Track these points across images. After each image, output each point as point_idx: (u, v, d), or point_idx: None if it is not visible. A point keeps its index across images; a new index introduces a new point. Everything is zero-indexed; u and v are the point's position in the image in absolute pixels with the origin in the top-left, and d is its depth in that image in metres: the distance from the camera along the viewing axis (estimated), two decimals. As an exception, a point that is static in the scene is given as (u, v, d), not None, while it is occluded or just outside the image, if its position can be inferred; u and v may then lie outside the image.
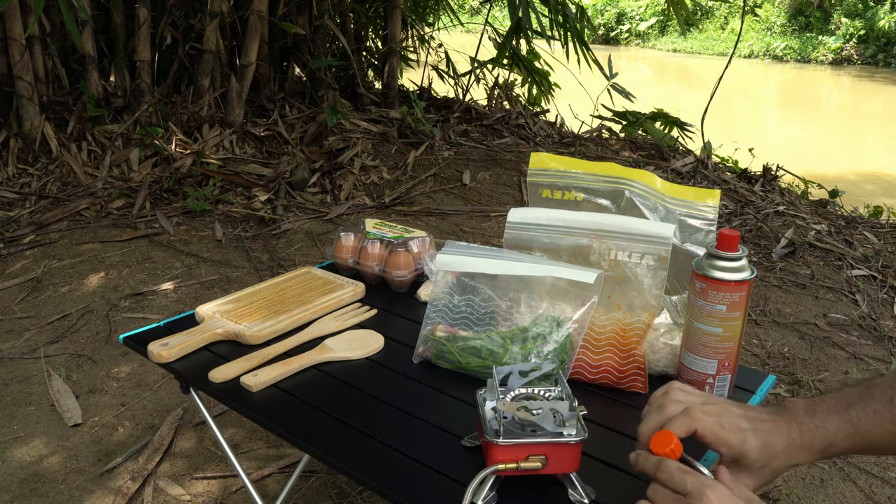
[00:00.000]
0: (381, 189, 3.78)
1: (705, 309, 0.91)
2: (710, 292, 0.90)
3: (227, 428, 1.97)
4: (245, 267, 2.93)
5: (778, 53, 16.20)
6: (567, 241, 1.07)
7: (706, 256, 0.93)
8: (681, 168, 4.31)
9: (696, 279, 0.92)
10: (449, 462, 0.89)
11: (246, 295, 1.31)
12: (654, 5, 18.73)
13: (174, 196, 3.54)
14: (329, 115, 4.04)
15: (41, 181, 3.57)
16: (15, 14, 3.53)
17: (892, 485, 1.83)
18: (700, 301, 0.92)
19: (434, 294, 1.12)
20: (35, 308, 2.60)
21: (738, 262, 0.91)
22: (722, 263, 0.91)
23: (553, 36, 4.75)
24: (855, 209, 4.05)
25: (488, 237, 3.31)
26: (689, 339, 0.96)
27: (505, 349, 1.04)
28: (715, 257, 0.92)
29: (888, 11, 14.90)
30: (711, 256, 0.92)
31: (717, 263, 0.91)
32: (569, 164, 1.18)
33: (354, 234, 1.46)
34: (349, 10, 4.95)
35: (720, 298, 0.89)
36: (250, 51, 4.10)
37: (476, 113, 4.95)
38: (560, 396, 0.85)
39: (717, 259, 0.91)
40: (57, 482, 1.77)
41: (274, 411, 1.00)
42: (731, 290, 0.89)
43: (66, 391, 2.11)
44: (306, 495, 1.72)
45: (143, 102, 3.97)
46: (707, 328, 0.92)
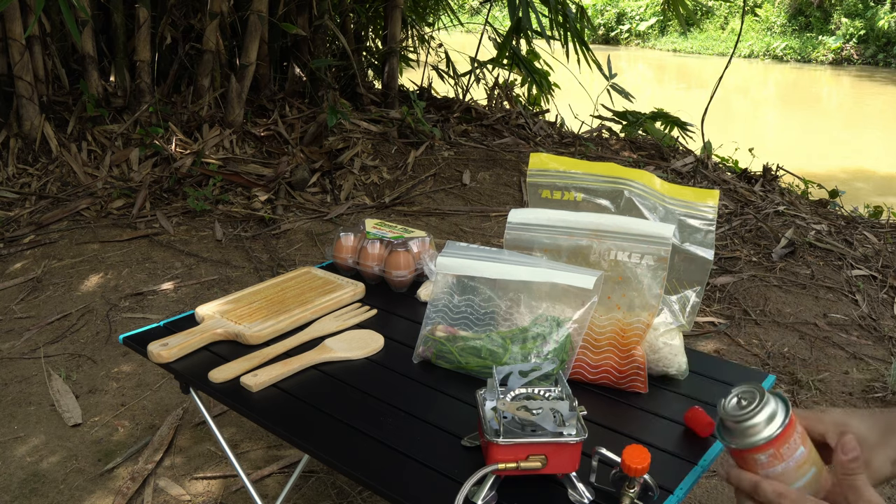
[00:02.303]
0: (381, 189, 3.78)
1: (790, 468, 0.73)
2: (783, 449, 0.72)
3: (227, 428, 1.97)
4: (245, 267, 2.93)
5: (778, 53, 16.20)
6: (567, 241, 1.07)
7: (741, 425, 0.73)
8: (681, 168, 4.31)
9: (756, 454, 0.73)
10: (449, 462, 0.89)
11: (246, 295, 1.31)
12: (654, 5, 18.72)
13: (174, 196, 3.54)
14: (329, 115, 4.04)
15: (41, 181, 3.57)
16: (15, 14, 3.53)
17: (893, 485, 1.83)
18: (780, 466, 0.73)
19: (434, 294, 1.12)
20: (35, 308, 2.60)
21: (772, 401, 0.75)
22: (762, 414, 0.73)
23: (553, 36, 4.75)
24: (855, 209, 4.05)
25: (488, 237, 3.31)
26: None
27: (505, 349, 1.04)
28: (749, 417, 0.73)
29: (888, 11, 14.89)
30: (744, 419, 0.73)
31: (758, 419, 0.73)
32: (568, 164, 1.18)
33: (354, 234, 1.46)
34: (349, 10, 4.95)
35: (795, 444, 0.72)
36: (250, 51, 4.10)
37: (476, 113, 4.95)
38: (560, 396, 0.85)
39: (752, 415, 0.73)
40: (57, 482, 1.77)
41: (274, 411, 1.00)
42: (794, 427, 0.73)
43: (66, 391, 2.11)
44: (306, 495, 1.72)
45: (143, 102, 3.97)
46: (806, 478, 0.73)
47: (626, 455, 0.78)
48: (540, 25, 4.52)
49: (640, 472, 0.77)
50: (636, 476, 0.78)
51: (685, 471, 0.89)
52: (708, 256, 1.10)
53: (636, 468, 0.77)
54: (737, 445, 0.73)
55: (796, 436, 0.72)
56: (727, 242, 3.30)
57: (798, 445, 0.72)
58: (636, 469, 0.77)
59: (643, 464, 0.77)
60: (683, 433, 0.98)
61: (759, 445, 0.72)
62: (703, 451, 0.93)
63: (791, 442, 0.72)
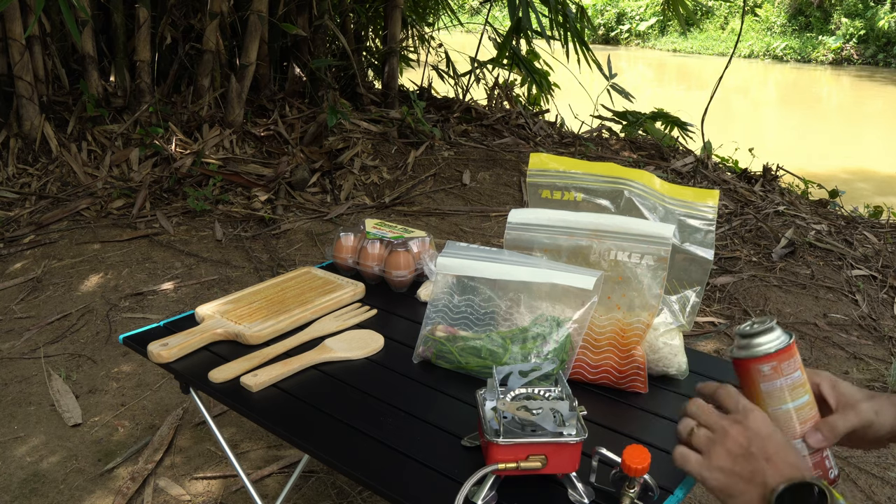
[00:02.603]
0: (381, 189, 3.78)
1: (787, 385, 0.82)
2: (783, 365, 0.81)
3: (227, 428, 1.97)
4: (245, 267, 2.93)
5: (778, 53, 16.21)
6: (567, 241, 1.07)
7: (749, 340, 0.83)
8: (681, 168, 4.31)
9: (761, 363, 0.82)
10: (449, 462, 0.89)
11: (246, 295, 1.31)
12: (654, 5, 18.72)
13: (174, 196, 3.54)
14: (329, 115, 4.04)
15: (41, 181, 3.57)
16: (15, 14, 3.53)
17: (892, 485, 1.83)
18: (778, 381, 0.82)
19: (434, 294, 1.12)
20: (35, 308, 2.60)
21: (779, 327, 0.85)
22: (773, 333, 0.83)
23: (553, 36, 4.75)
24: (855, 209, 4.05)
25: (488, 237, 3.31)
26: (785, 428, 0.83)
27: (505, 349, 1.04)
28: (758, 334, 0.83)
29: (888, 11, 14.90)
30: (754, 335, 0.83)
31: (766, 337, 0.83)
32: (568, 164, 1.18)
33: (354, 234, 1.46)
34: (349, 10, 4.95)
35: (794, 365, 0.82)
36: (250, 51, 4.10)
37: (476, 113, 4.95)
38: (560, 396, 0.85)
39: (765, 334, 0.83)
40: (57, 482, 1.77)
41: (274, 411, 1.00)
42: (795, 351, 0.82)
43: (66, 391, 2.12)
44: (306, 495, 1.72)
45: (143, 102, 3.97)
46: (799, 402, 0.82)
47: (627, 455, 0.78)
48: (540, 25, 4.52)
49: (641, 472, 0.77)
50: (636, 476, 0.78)
51: (685, 471, 0.89)
52: (708, 256, 1.10)
53: (636, 468, 0.77)
54: (745, 355, 0.83)
55: (797, 360, 0.82)
56: (727, 242, 3.30)
57: (797, 368, 0.82)
58: (636, 469, 0.77)
59: (643, 464, 0.77)
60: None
61: (764, 355, 0.81)
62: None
63: (791, 362, 0.82)
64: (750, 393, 0.83)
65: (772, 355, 0.81)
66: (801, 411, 0.82)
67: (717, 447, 0.77)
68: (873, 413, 0.82)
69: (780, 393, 0.82)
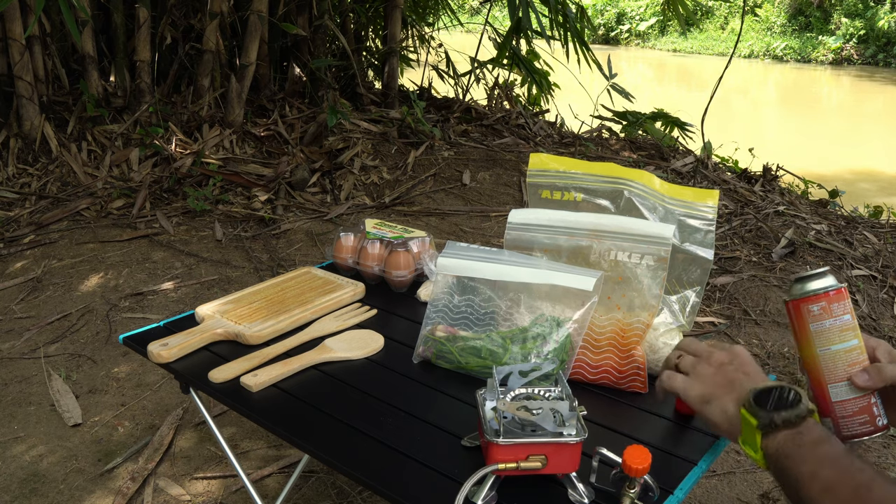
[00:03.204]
0: (381, 189, 3.78)
1: (836, 326, 0.84)
2: (833, 305, 0.84)
3: (227, 428, 1.97)
4: (245, 267, 2.93)
5: (778, 53, 16.21)
6: (567, 241, 1.07)
7: (801, 283, 0.86)
8: (681, 168, 4.32)
9: (810, 303, 0.85)
10: (449, 462, 0.89)
11: (246, 295, 1.31)
12: (654, 5, 18.72)
13: (174, 196, 3.54)
14: (329, 115, 4.04)
15: (41, 181, 3.57)
16: (15, 14, 3.53)
17: (892, 485, 1.83)
18: (827, 322, 0.84)
19: (434, 294, 1.12)
20: (35, 308, 2.60)
21: (831, 275, 0.87)
22: (825, 278, 0.86)
23: (553, 36, 4.75)
24: (855, 209, 4.05)
25: (488, 237, 3.31)
26: (833, 369, 0.85)
27: (505, 349, 1.04)
28: (812, 278, 0.86)
29: (888, 11, 14.90)
30: (807, 278, 0.86)
31: (818, 280, 0.85)
32: (568, 164, 1.18)
33: (354, 234, 1.46)
34: (349, 10, 4.95)
35: (843, 308, 0.84)
36: (250, 51, 4.11)
37: (476, 113, 4.95)
38: (560, 396, 0.85)
39: (816, 278, 0.86)
40: (57, 482, 1.77)
41: (274, 411, 1.00)
42: (845, 296, 0.85)
43: (66, 391, 2.12)
44: (306, 495, 1.72)
45: (143, 102, 3.97)
46: (847, 345, 0.84)
47: (627, 455, 0.78)
48: (540, 25, 4.52)
49: (641, 472, 0.78)
50: (637, 476, 0.78)
51: (685, 471, 0.89)
52: (708, 256, 1.10)
53: (637, 468, 0.77)
54: (797, 294, 0.85)
55: (846, 304, 0.84)
56: (727, 242, 3.30)
57: (846, 312, 0.83)
58: (637, 469, 0.77)
59: (644, 464, 0.77)
60: (683, 433, 0.98)
61: (813, 294, 0.84)
62: (704, 452, 0.93)
63: (841, 304, 0.83)
64: (800, 335, 0.86)
65: (821, 295, 0.83)
66: (849, 353, 0.83)
67: (702, 364, 0.85)
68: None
69: (828, 333, 0.83)
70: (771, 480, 1.83)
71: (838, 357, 0.83)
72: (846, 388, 0.83)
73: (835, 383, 0.83)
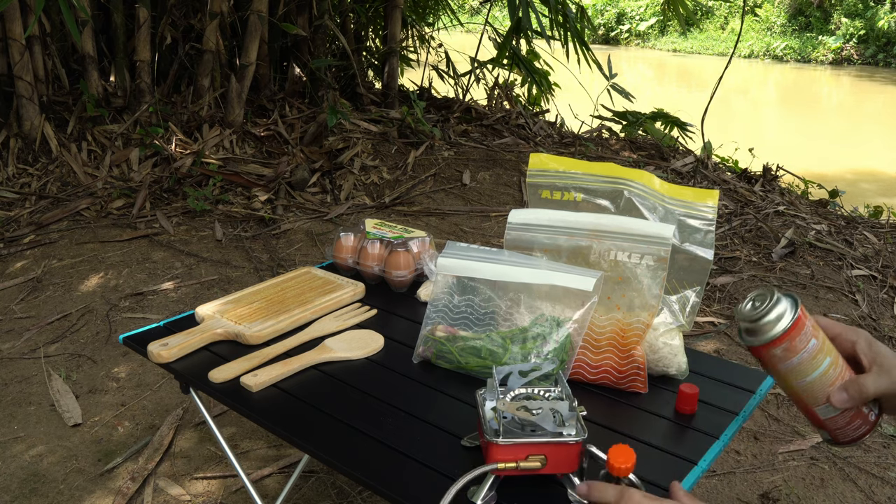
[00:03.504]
0: (381, 189, 3.78)
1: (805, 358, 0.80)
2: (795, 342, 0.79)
3: (227, 428, 1.97)
4: (245, 267, 2.93)
5: (778, 53, 16.20)
6: (567, 241, 1.07)
7: (756, 328, 0.81)
8: (681, 168, 4.31)
9: (772, 347, 0.80)
10: (449, 462, 0.89)
11: (246, 295, 1.31)
12: (654, 5, 18.72)
13: (174, 196, 3.55)
14: (329, 115, 4.04)
15: (41, 181, 3.57)
16: (15, 14, 3.53)
17: (892, 485, 1.83)
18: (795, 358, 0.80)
19: (434, 294, 1.12)
20: (35, 308, 2.60)
21: (782, 300, 0.82)
22: (776, 311, 0.80)
23: (553, 36, 4.75)
24: (855, 209, 4.05)
25: (488, 237, 3.31)
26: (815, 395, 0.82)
27: (505, 349, 1.04)
28: (761, 317, 0.80)
29: (888, 11, 14.90)
30: (757, 319, 0.80)
31: (769, 318, 0.80)
32: (568, 164, 1.18)
33: (354, 234, 1.46)
34: (349, 10, 4.95)
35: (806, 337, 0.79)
36: (250, 51, 4.11)
37: (476, 113, 4.95)
38: (560, 396, 0.86)
39: (765, 316, 0.80)
40: (57, 482, 1.77)
41: (274, 411, 1.00)
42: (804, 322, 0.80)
43: (66, 391, 2.12)
44: (306, 495, 1.72)
45: (143, 102, 3.97)
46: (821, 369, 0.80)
47: (612, 455, 0.77)
48: (540, 25, 4.52)
49: (625, 472, 0.76)
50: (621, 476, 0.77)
51: (685, 471, 0.89)
52: (708, 256, 1.10)
53: (620, 468, 0.76)
54: (754, 343, 0.81)
55: (808, 328, 0.79)
56: (727, 242, 3.30)
57: (810, 338, 0.79)
58: (620, 469, 0.76)
59: (627, 463, 0.76)
60: (683, 433, 0.98)
61: (773, 340, 0.79)
62: (703, 451, 0.93)
63: (803, 334, 0.79)
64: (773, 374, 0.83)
65: (781, 337, 0.79)
66: (825, 376, 0.80)
67: None
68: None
69: (799, 367, 0.80)
70: (771, 480, 1.83)
71: (816, 384, 0.80)
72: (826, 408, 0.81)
73: (820, 405, 0.81)
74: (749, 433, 2.00)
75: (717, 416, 1.01)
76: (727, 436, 0.97)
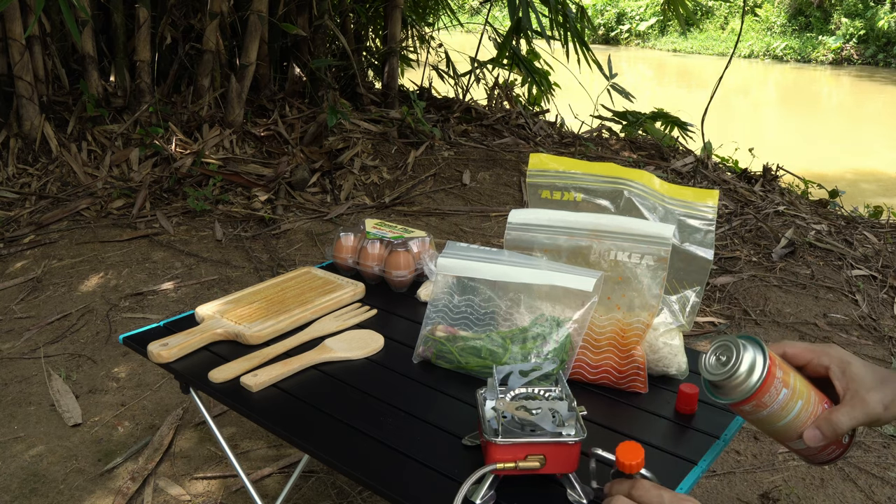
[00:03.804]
0: (381, 189, 3.78)
1: (776, 408, 0.79)
2: (765, 398, 0.78)
3: (227, 428, 1.97)
4: (245, 267, 2.93)
5: (778, 53, 16.20)
6: (567, 241, 1.07)
7: (716, 387, 0.80)
8: (681, 168, 4.31)
9: (742, 405, 0.79)
10: (449, 462, 0.89)
11: (246, 295, 1.31)
12: (654, 5, 18.72)
13: (174, 196, 3.55)
14: (329, 115, 4.04)
15: (41, 181, 3.57)
16: (15, 14, 3.53)
17: (892, 485, 1.83)
18: (765, 411, 0.79)
19: (434, 294, 1.12)
20: (35, 308, 2.60)
21: (748, 353, 0.79)
22: (738, 374, 0.78)
23: (553, 36, 4.75)
24: (855, 209, 4.05)
25: (488, 237, 3.31)
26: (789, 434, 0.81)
27: (505, 349, 1.04)
28: (727, 379, 0.79)
29: (888, 11, 14.90)
30: (722, 381, 0.79)
31: (734, 380, 0.78)
32: (568, 164, 1.18)
33: (354, 234, 1.46)
34: (349, 10, 4.95)
35: (776, 389, 0.77)
36: (250, 51, 4.11)
37: (476, 113, 4.95)
38: (559, 396, 0.86)
39: (730, 377, 0.78)
40: (57, 482, 1.77)
41: (274, 411, 1.00)
42: (773, 375, 0.78)
43: (66, 391, 2.12)
44: (306, 495, 1.72)
45: (143, 102, 3.97)
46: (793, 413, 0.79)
47: (620, 453, 0.76)
48: (540, 25, 4.52)
49: (636, 468, 0.76)
50: (632, 473, 0.77)
51: (685, 471, 0.89)
52: (708, 256, 1.10)
53: (630, 465, 0.76)
54: (721, 401, 0.79)
55: (777, 381, 0.77)
56: (727, 242, 3.30)
57: (780, 389, 0.77)
58: (630, 465, 0.76)
59: (636, 459, 0.76)
60: (683, 433, 0.98)
61: (741, 400, 0.77)
62: (703, 451, 0.93)
63: (772, 389, 0.77)
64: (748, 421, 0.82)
65: (749, 398, 0.77)
66: (797, 419, 0.78)
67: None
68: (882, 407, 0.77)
69: (771, 416, 0.78)
70: (771, 480, 1.83)
71: (789, 426, 0.79)
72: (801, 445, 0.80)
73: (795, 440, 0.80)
74: (749, 433, 2.01)
75: (717, 416, 1.01)
76: (727, 436, 0.97)
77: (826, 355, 0.80)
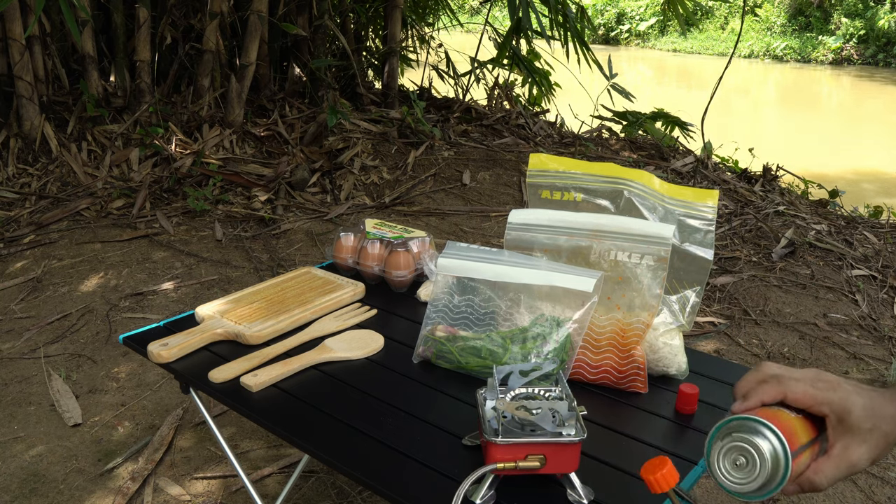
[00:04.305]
0: (381, 189, 3.78)
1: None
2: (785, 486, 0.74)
3: (227, 428, 1.97)
4: (245, 267, 2.93)
5: (778, 53, 16.20)
6: (567, 241, 1.07)
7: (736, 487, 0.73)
8: (681, 168, 4.31)
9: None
10: (449, 462, 0.89)
11: (246, 295, 1.31)
12: (654, 5, 18.72)
13: (174, 196, 3.55)
14: (329, 115, 4.04)
15: (41, 181, 3.57)
16: (15, 14, 3.53)
17: (892, 485, 1.83)
18: None
19: (434, 294, 1.12)
20: (35, 308, 2.60)
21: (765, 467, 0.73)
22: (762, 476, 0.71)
23: (553, 36, 4.74)
24: (855, 209, 4.05)
25: (488, 237, 3.31)
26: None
27: (505, 349, 1.04)
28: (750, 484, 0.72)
29: (888, 11, 14.90)
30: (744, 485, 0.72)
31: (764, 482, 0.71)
32: (568, 164, 1.18)
33: (354, 234, 1.46)
34: (349, 10, 4.95)
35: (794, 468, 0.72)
36: (250, 51, 4.10)
37: (476, 113, 4.95)
38: (559, 396, 0.86)
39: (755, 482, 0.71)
40: (57, 482, 1.77)
41: (274, 411, 1.00)
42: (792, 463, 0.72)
43: (66, 391, 2.12)
44: (306, 495, 1.72)
45: (143, 102, 3.97)
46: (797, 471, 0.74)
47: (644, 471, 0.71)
48: (540, 25, 4.52)
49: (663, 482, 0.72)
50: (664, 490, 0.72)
51: (685, 471, 0.89)
52: (708, 256, 1.10)
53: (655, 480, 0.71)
54: (739, 497, 0.73)
55: (794, 464, 0.71)
56: (727, 242, 3.30)
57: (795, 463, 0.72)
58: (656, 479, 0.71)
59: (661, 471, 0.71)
60: (683, 433, 0.98)
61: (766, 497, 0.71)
62: (703, 451, 0.93)
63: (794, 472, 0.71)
64: None
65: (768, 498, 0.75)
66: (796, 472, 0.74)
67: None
68: (867, 462, 0.75)
69: None
70: (771, 480, 1.83)
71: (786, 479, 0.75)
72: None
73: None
74: (749, 433, 2.00)
75: (717, 416, 1.01)
76: (727, 436, 0.97)
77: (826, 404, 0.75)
